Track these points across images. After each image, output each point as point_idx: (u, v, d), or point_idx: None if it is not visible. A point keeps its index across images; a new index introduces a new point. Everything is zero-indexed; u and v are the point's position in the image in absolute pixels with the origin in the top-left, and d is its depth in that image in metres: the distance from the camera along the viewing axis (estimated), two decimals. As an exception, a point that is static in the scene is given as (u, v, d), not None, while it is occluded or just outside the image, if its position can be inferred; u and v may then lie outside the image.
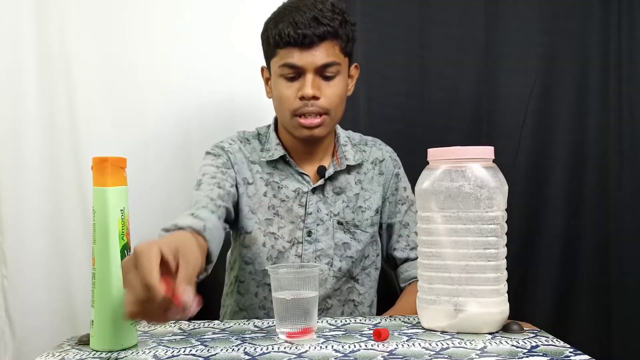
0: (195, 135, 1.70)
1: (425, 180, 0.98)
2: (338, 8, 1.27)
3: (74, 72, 1.65)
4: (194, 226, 1.09)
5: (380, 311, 1.41)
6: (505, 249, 0.96)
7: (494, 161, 0.97)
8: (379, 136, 1.45)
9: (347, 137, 1.41)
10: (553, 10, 1.75)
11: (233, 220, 1.32)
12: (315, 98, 1.24)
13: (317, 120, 1.26)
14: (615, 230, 1.74)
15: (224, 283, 1.44)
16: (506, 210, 0.96)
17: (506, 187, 0.96)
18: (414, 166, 1.07)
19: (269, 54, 1.30)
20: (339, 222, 1.34)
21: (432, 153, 0.99)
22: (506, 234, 0.97)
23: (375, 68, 1.75)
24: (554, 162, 1.76)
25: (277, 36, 1.23)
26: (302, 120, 1.26)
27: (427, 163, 1.00)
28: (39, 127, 1.65)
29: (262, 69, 1.36)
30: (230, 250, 1.42)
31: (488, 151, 0.97)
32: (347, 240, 1.34)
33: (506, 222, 0.97)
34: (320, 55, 1.23)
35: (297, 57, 1.23)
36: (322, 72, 1.25)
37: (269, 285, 1.31)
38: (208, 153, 1.35)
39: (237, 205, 1.32)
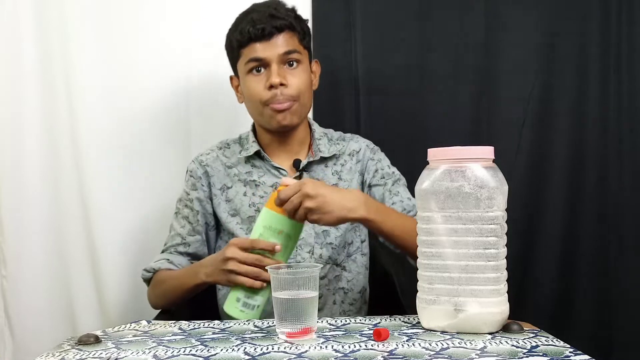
0: (195, 134, 1.70)
1: (425, 180, 0.98)
2: (290, 7, 1.38)
3: (73, 72, 1.65)
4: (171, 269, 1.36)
5: (377, 308, 1.41)
6: (505, 249, 0.96)
7: (494, 161, 0.97)
8: (379, 136, 1.45)
9: (324, 132, 1.46)
10: (553, 10, 1.75)
11: (215, 227, 1.44)
12: (282, 85, 1.32)
13: (287, 104, 1.33)
14: (615, 230, 1.74)
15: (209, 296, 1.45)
16: (506, 210, 0.96)
17: (506, 187, 0.96)
18: (414, 166, 1.07)
19: (234, 60, 1.39)
20: None
21: (432, 153, 0.99)
22: (506, 234, 0.97)
23: (375, 68, 1.75)
24: (554, 162, 1.76)
25: (238, 36, 1.33)
26: (274, 105, 1.33)
27: (427, 163, 1.00)
28: (39, 127, 1.65)
29: (231, 78, 1.45)
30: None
31: (488, 151, 0.97)
32: (327, 228, 1.37)
33: (506, 222, 0.97)
34: (280, 44, 1.33)
35: (260, 50, 1.32)
36: (285, 60, 1.34)
37: None
38: (187, 171, 1.45)
39: (214, 214, 1.43)
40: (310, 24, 1.46)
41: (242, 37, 1.33)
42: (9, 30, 1.63)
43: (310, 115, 1.49)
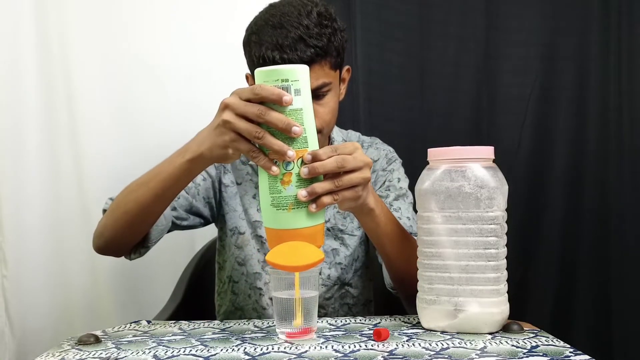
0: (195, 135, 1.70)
1: (425, 180, 0.97)
2: (326, 16, 1.14)
3: (73, 72, 1.65)
4: None
5: (380, 310, 1.41)
6: (505, 249, 0.96)
7: (494, 161, 0.97)
8: (379, 137, 1.45)
9: (343, 141, 1.36)
10: (553, 10, 1.76)
11: (209, 215, 1.32)
12: None
13: None
14: (615, 230, 1.74)
15: (214, 281, 1.43)
16: (506, 210, 0.96)
17: (506, 187, 0.96)
18: (414, 166, 1.07)
19: (252, 68, 1.19)
20: (327, 229, 1.31)
21: (432, 153, 0.99)
22: (506, 233, 0.97)
23: (375, 68, 1.76)
24: (554, 162, 1.77)
25: (260, 59, 1.12)
26: None
27: (427, 163, 1.00)
28: (39, 127, 1.65)
29: (247, 77, 1.28)
30: (217, 250, 1.40)
31: (488, 151, 0.97)
32: (336, 247, 1.31)
33: (506, 222, 0.97)
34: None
35: None
36: (312, 94, 1.15)
37: (260, 289, 1.31)
38: None
39: (221, 205, 1.32)
40: None
41: (264, 62, 1.11)
42: (9, 30, 1.63)
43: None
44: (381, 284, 1.26)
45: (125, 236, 1.15)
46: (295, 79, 0.89)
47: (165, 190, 1.06)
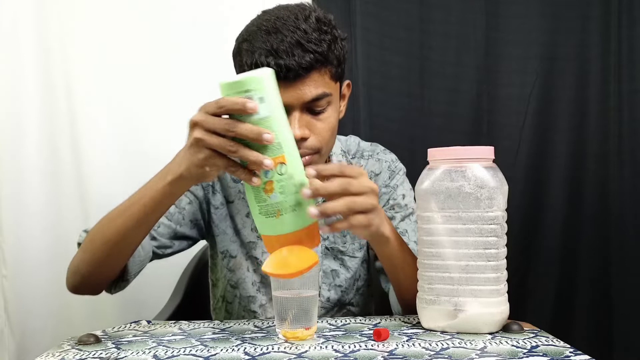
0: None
1: (425, 180, 0.97)
2: (325, 22, 1.06)
3: (73, 72, 1.65)
4: None
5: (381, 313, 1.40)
6: (506, 249, 0.96)
7: (494, 161, 0.97)
8: (379, 137, 1.44)
9: (342, 152, 1.28)
10: (553, 10, 1.76)
11: (197, 235, 1.26)
12: (303, 139, 1.07)
13: (304, 159, 1.05)
14: (616, 230, 1.74)
15: (209, 296, 1.39)
16: (506, 210, 0.96)
17: (506, 187, 0.96)
18: (414, 166, 1.07)
19: None
20: (327, 248, 1.25)
21: (432, 153, 0.99)
22: (506, 233, 0.97)
23: (375, 68, 1.76)
24: (554, 162, 1.77)
25: (252, 67, 1.02)
26: None
27: (427, 163, 1.00)
28: (39, 127, 1.65)
29: None
30: (209, 267, 1.35)
31: (488, 151, 0.97)
32: (336, 268, 1.25)
33: (506, 222, 0.97)
34: (307, 89, 1.04)
35: (281, 93, 0.93)
36: (311, 106, 1.07)
37: (254, 312, 1.25)
38: None
39: (210, 226, 1.26)
40: None
41: (256, 68, 1.00)
42: (9, 30, 1.63)
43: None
44: (380, 292, 1.26)
45: (104, 270, 1.10)
46: (257, 87, 0.86)
47: (148, 215, 1.02)
